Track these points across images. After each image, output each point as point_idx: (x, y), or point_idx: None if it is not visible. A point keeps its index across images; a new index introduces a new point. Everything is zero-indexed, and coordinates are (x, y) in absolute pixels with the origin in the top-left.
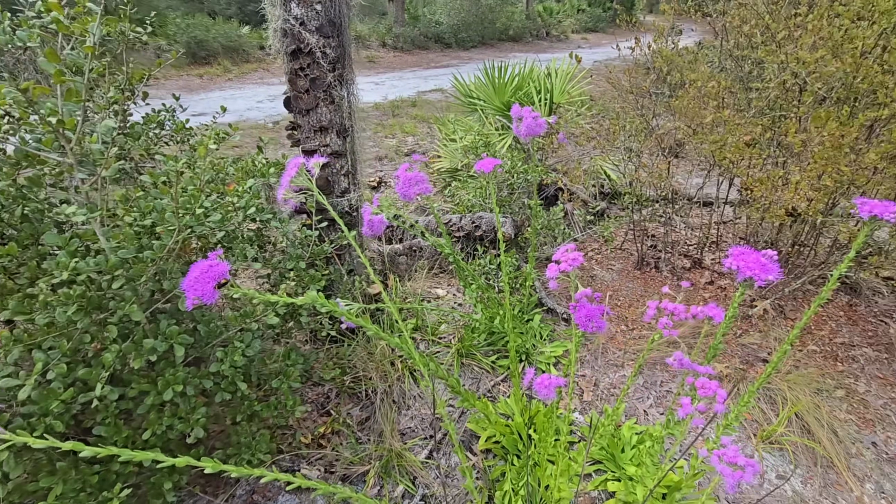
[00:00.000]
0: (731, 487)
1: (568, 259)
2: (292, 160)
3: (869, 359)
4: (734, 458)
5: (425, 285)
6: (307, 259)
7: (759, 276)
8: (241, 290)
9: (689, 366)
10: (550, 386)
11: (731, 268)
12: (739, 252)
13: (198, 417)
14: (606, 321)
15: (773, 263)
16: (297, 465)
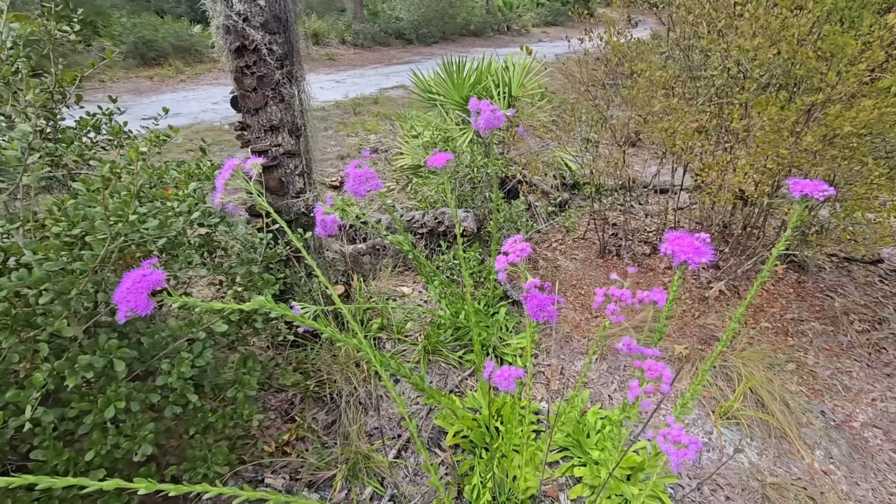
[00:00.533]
0: (675, 466)
1: (516, 250)
2: (228, 162)
3: (816, 332)
4: (678, 437)
5: (390, 284)
6: (260, 263)
7: (693, 259)
8: (181, 299)
9: (637, 349)
10: (510, 378)
11: (666, 252)
12: (675, 237)
13: (145, 434)
14: (564, 310)
15: (706, 246)
16: (260, 474)
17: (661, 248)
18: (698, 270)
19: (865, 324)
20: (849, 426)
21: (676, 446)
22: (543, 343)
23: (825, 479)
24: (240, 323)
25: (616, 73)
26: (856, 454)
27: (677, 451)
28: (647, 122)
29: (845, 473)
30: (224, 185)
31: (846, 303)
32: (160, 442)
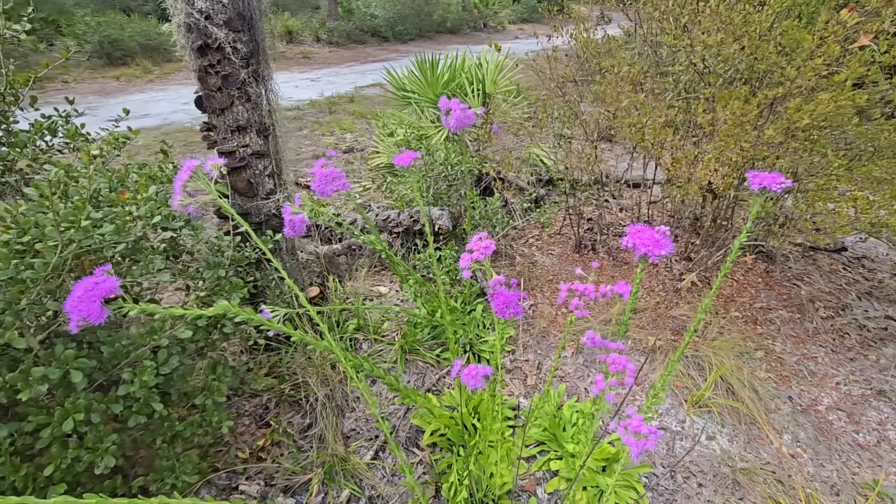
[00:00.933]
0: (635, 456)
1: (480, 248)
2: (186, 163)
3: (784, 320)
4: (638, 427)
5: (367, 284)
6: (227, 266)
7: (653, 251)
8: (138, 306)
9: (601, 343)
10: (477, 376)
11: (627, 246)
12: (636, 230)
13: (107, 446)
14: (541, 305)
15: (665, 239)
16: (234, 481)
17: (623, 241)
18: (671, 262)
19: (830, 310)
20: (815, 410)
21: (636, 436)
22: (521, 338)
23: (793, 463)
24: (208, 328)
25: (586, 70)
26: (821, 437)
27: (637, 441)
28: (616, 117)
29: (812, 456)
30: (183, 188)
31: (812, 290)
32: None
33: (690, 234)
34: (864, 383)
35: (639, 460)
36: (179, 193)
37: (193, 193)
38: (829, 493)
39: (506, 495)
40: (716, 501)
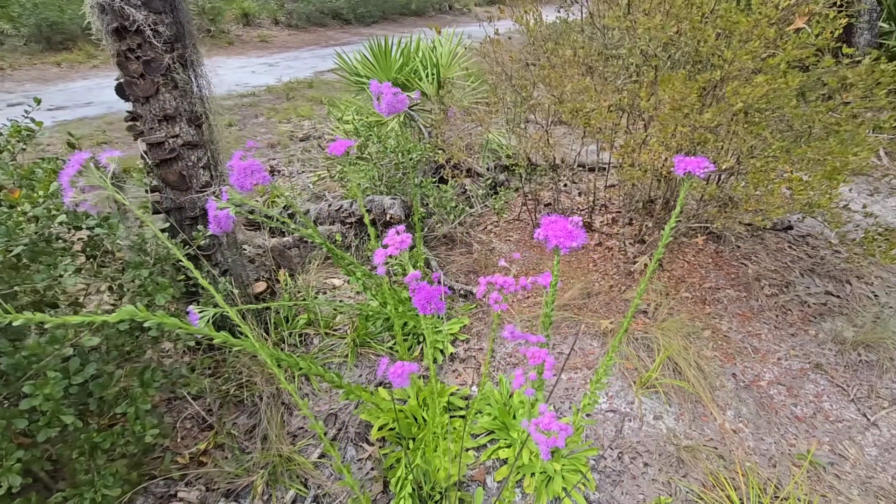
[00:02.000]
0: (544, 454)
1: (395, 242)
2: (75, 156)
3: (731, 298)
4: (548, 425)
5: (320, 276)
6: (151, 266)
7: (564, 243)
8: (17, 316)
9: (521, 336)
10: (403, 374)
11: (539, 238)
12: (549, 221)
13: (11, 464)
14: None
15: (578, 230)
16: (172, 488)
17: (535, 233)
18: (625, 245)
19: (775, 288)
20: (757, 385)
21: (546, 434)
22: (475, 327)
23: (734, 438)
24: (132, 332)
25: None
26: (762, 411)
27: (546, 440)
28: (563, 102)
29: (752, 430)
30: (70, 183)
31: (758, 269)
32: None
33: (644, 216)
34: (804, 357)
35: (548, 458)
36: (70, 190)
37: (87, 189)
38: (767, 465)
39: (453, 487)
40: (660, 480)
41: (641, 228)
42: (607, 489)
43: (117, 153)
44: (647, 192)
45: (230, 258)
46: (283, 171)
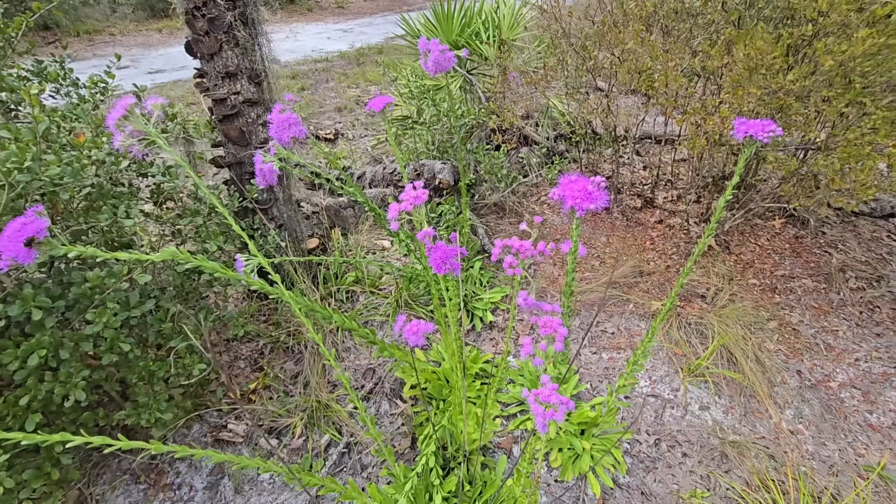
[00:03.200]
0: (541, 427)
1: (410, 197)
2: (120, 100)
3: (807, 290)
4: (548, 397)
5: (371, 237)
6: (206, 214)
7: (581, 205)
8: (71, 248)
9: (534, 304)
10: (419, 332)
11: (555, 198)
12: (567, 181)
13: (76, 381)
14: (543, 265)
15: (599, 191)
16: (224, 419)
17: (552, 193)
18: (688, 224)
19: (862, 281)
20: (825, 386)
21: (545, 406)
22: None
23: (791, 439)
24: (189, 274)
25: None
26: (828, 415)
27: (545, 412)
28: (622, 61)
29: (813, 434)
30: (116, 127)
31: (845, 259)
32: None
33: (714, 194)
34: (889, 361)
35: (545, 431)
36: (118, 134)
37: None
38: (826, 472)
39: (476, 451)
40: (698, 472)
41: (709, 207)
42: (639, 474)
43: (161, 100)
44: (721, 168)
45: (286, 213)
46: (347, 133)
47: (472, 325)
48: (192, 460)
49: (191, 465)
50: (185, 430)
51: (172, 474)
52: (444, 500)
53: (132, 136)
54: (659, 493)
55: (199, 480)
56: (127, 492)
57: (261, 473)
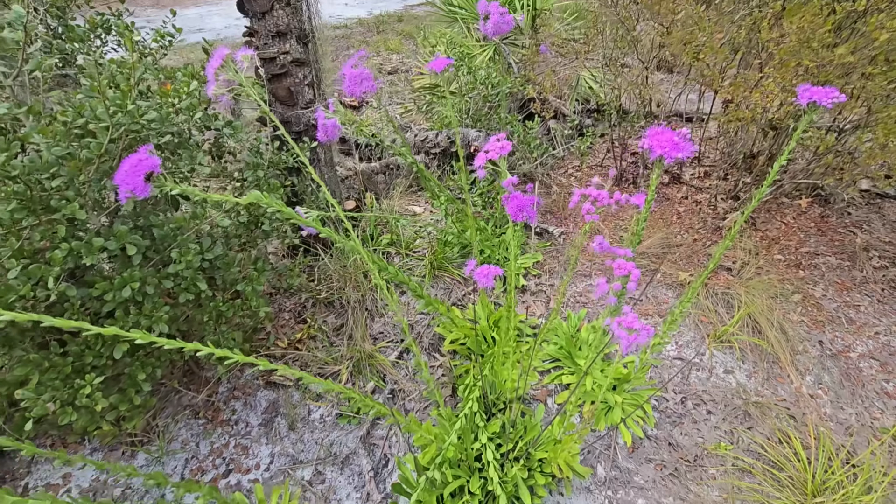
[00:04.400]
0: (625, 349)
1: (496, 148)
2: (217, 51)
3: (831, 266)
4: (631, 323)
5: (403, 203)
6: (266, 168)
7: (670, 153)
8: (177, 186)
9: (609, 249)
10: (489, 275)
11: (643, 147)
12: (654, 132)
13: (160, 315)
14: (572, 234)
15: (685, 142)
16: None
17: (640, 143)
18: (716, 200)
19: (885, 261)
20: (845, 356)
21: (628, 331)
22: (548, 264)
23: (810, 402)
24: (249, 224)
25: None
26: (847, 382)
27: (628, 336)
28: (671, 32)
29: (832, 398)
30: (214, 76)
31: (869, 239)
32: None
33: (742, 171)
34: None
35: (627, 352)
36: (213, 82)
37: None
38: (842, 433)
39: (517, 399)
40: (722, 428)
41: (737, 184)
42: (666, 428)
43: (251, 51)
44: (750, 146)
45: (326, 174)
46: (372, 102)
47: (504, 288)
48: (248, 399)
49: (246, 404)
50: (238, 373)
51: (228, 412)
52: (489, 439)
53: (223, 84)
54: (685, 444)
55: (255, 418)
56: (188, 425)
57: (312, 412)
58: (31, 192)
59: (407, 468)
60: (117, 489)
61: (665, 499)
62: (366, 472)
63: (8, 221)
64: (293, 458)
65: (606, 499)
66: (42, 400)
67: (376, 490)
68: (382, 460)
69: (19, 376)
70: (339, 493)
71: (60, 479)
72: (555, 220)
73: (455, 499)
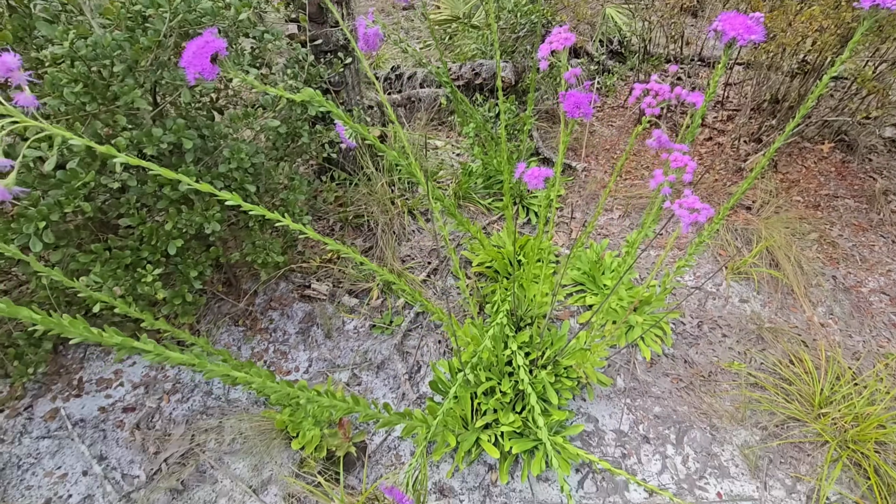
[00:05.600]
0: (685, 227)
1: (559, 39)
2: None
3: (849, 208)
4: (692, 203)
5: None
6: (303, 79)
7: (743, 35)
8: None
9: (667, 143)
10: (539, 176)
11: (716, 30)
12: (727, 16)
13: (213, 213)
14: (594, 171)
15: (757, 25)
16: (307, 280)
17: (712, 25)
18: (738, 143)
19: None
20: (857, 290)
21: (690, 210)
22: (570, 198)
23: (821, 330)
24: (286, 138)
25: None
26: (857, 313)
27: (689, 215)
28: None
29: (841, 327)
30: None
31: (889, 185)
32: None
33: (767, 116)
34: None
35: (687, 230)
36: None
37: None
38: (850, 357)
39: (542, 316)
40: (736, 349)
41: (761, 127)
42: (683, 348)
43: None
44: (776, 89)
45: (353, 99)
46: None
47: (528, 218)
48: (284, 310)
49: (283, 314)
50: (273, 286)
51: (266, 321)
52: (519, 347)
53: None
54: (700, 362)
55: (292, 327)
56: (229, 331)
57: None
58: (93, 77)
59: (440, 371)
60: (167, 383)
61: (680, 407)
62: (401, 375)
63: (74, 104)
64: (330, 362)
65: (625, 405)
66: (107, 286)
67: (411, 391)
68: (415, 366)
69: (84, 263)
70: (376, 393)
71: (112, 374)
72: (576, 157)
73: (487, 397)
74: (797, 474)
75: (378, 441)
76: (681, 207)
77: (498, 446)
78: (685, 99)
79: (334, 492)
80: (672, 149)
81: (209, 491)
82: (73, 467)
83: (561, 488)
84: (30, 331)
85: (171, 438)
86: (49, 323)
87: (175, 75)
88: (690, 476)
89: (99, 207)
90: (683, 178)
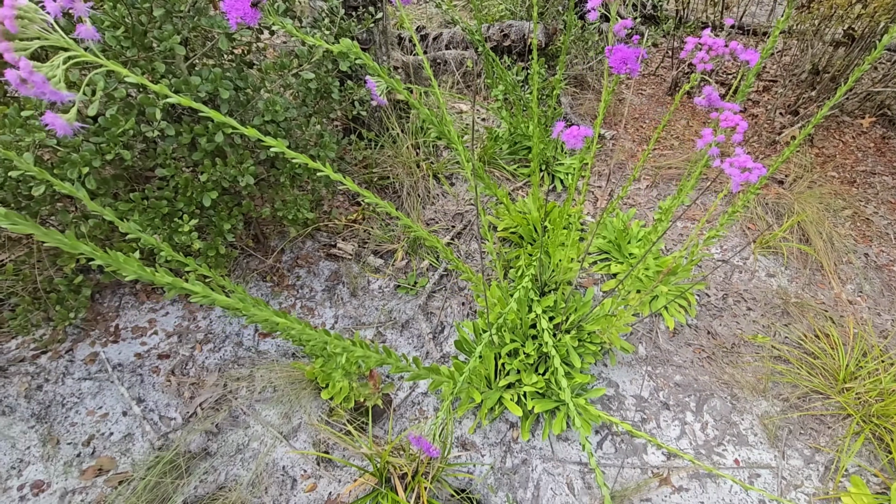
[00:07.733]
0: (735, 186)
1: None
2: None
3: (886, 186)
4: (744, 163)
5: (449, 101)
6: (334, 32)
7: None
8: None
9: (717, 102)
10: (578, 136)
11: None
12: None
13: (247, 166)
14: (622, 140)
15: None
16: (333, 240)
17: None
18: (773, 116)
19: None
20: (889, 269)
21: (741, 170)
22: (596, 167)
23: (848, 307)
24: (317, 94)
25: None
26: (887, 292)
27: (740, 174)
28: None
29: (870, 305)
30: None
31: None
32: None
33: (805, 87)
34: None
35: (737, 189)
36: None
37: None
38: (877, 336)
39: (566, 283)
40: (761, 323)
41: (798, 99)
42: (706, 319)
43: None
44: (817, 60)
45: (380, 59)
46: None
47: (553, 186)
48: (311, 268)
49: (309, 272)
50: (300, 245)
51: (293, 278)
52: (543, 311)
53: None
54: (723, 334)
55: (318, 284)
56: (257, 286)
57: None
58: (132, 22)
59: (465, 331)
60: (199, 333)
61: (701, 377)
62: (425, 334)
63: (115, 49)
64: (356, 319)
65: (646, 373)
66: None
67: (435, 350)
68: (439, 326)
69: (124, 212)
70: (400, 351)
71: (147, 322)
72: (604, 125)
73: (511, 358)
74: (816, 445)
75: (402, 396)
76: (731, 167)
77: (520, 405)
78: (739, 56)
79: (362, 439)
80: (722, 108)
81: (242, 435)
82: (114, 408)
83: (582, 447)
84: (70, 277)
85: (204, 385)
86: (106, 259)
87: (212, 22)
88: (709, 442)
89: (135, 157)
90: (734, 139)
